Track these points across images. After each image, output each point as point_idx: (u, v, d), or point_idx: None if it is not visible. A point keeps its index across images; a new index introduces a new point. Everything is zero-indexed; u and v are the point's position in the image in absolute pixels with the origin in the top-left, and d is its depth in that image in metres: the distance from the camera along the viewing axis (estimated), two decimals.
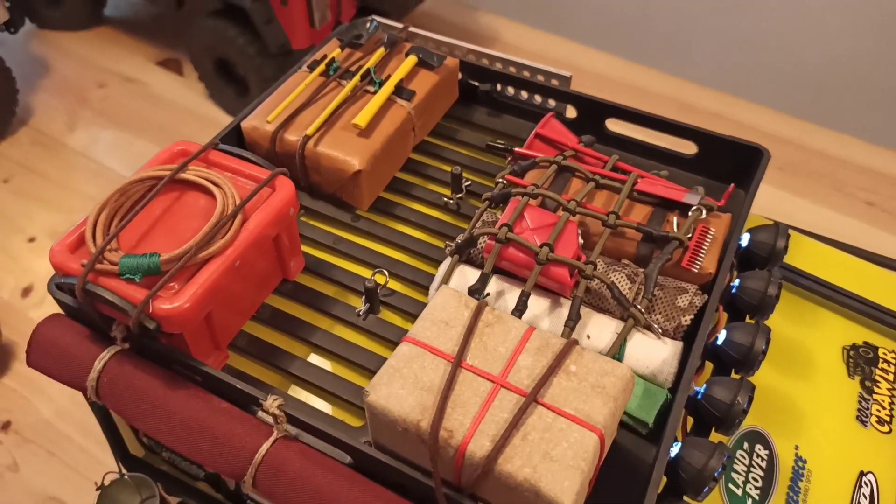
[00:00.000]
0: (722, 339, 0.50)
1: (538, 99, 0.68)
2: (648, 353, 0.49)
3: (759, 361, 0.48)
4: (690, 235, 0.53)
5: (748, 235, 0.56)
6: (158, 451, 0.61)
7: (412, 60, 0.65)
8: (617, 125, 0.66)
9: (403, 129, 0.62)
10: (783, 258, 0.55)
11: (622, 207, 0.54)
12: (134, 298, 0.44)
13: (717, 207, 0.54)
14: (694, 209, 0.53)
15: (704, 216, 0.54)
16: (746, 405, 0.45)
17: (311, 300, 0.55)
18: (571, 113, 0.67)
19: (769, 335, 0.48)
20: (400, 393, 0.40)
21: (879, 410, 0.54)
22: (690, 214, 0.53)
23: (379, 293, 0.54)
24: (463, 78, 0.69)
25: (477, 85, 0.69)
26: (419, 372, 0.41)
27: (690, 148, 0.64)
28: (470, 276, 0.53)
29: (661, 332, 0.50)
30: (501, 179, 0.58)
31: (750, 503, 0.48)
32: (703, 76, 1.46)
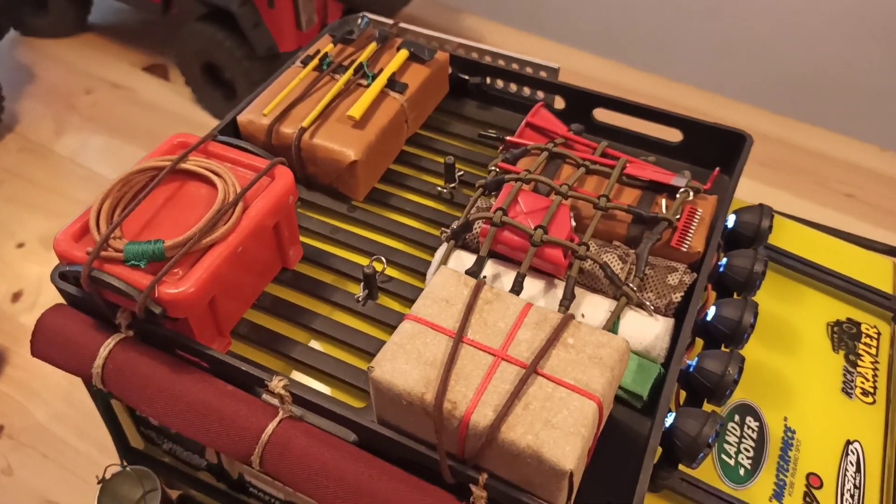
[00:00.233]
0: (711, 314, 0.51)
1: (527, 91, 0.70)
2: (641, 329, 0.50)
3: (747, 335, 0.50)
4: (679, 216, 0.54)
5: (734, 216, 0.57)
6: (159, 442, 0.62)
7: (404, 54, 0.66)
8: (604, 115, 0.67)
9: (397, 120, 0.63)
10: (768, 238, 0.57)
11: (612, 191, 0.56)
12: (139, 284, 0.45)
13: (703, 190, 0.56)
14: (682, 191, 0.55)
15: (692, 198, 0.55)
16: (737, 375, 0.47)
17: (310, 288, 0.56)
18: (560, 104, 0.69)
19: (757, 310, 0.50)
20: (404, 368, 0.41)
21: (863, 382, 0.56)
22: (678, 196, 0.55)
23: (377, 279, 0.56)
24: (453, 72, 0.71)
25: (467, 78, 0.71)
26: (422, 347, 0.42)
27: (676, 136, 0.65)
28: (466, 260, 0.54)
29: (652, 309, 0.51)
30: (494, 167, 0.59)
31: (742, 473, 0.50)
32: (687, 76, 1.48)
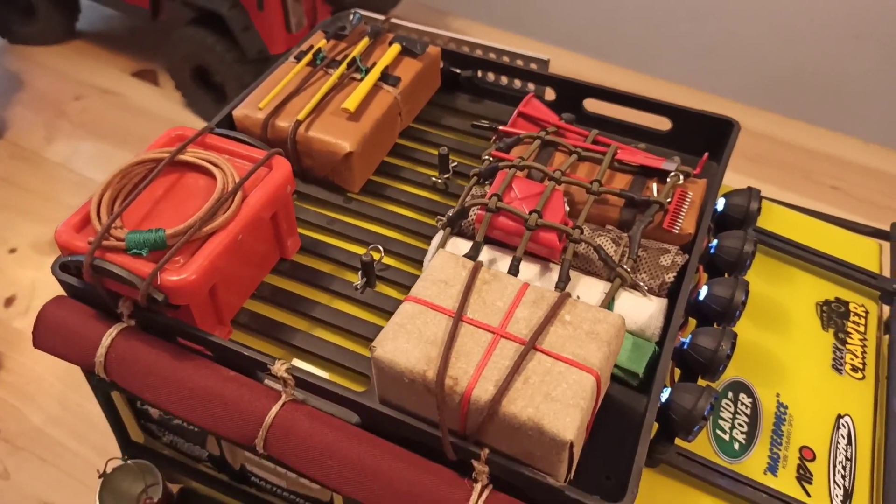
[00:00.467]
0: (703, 294, 0.52)
1: (518, 83, 0.71)
2: (636, 309, 0.51)
3: (739, 312, 0.51)
4: (670, 199, 0.55)
5: (723, 200, 0.59)
6: (160, 435, 0.62)
7: (396, 48, 0.67)
8: (594, 105, 0.69)
9: (391, 113, 0.64)
10: (756, 220, 0.58)
11: (604, 176, 0.57)
12: (141, 272, 0.46)
13: (693, 174, 0.57)
14: (672, 175, 0.56)
15: (682, 181, 0.57)
16: (730, 350, 0.48)
17: (309, 277, 0.57)
18: (550, 95, 0.70)
19: (748, 287, 0.51)
20: (405, 347, 0.42)
21: (853, 359, 0.57)
22: (669, 180, 0.56)
23: (375, 268, 0.56)
24: (445, 66, 0.72)
25: (459, 72, 0.72)
26: (422, 327, 0.43)
27: (665, 124, 0.67)
28: (462, 247, 0.55)
29: (646, 289, 0.52)
30: (488, 156, 0.60)
31: (737, 447, 0.51)
32: (673, 75, 1.50)
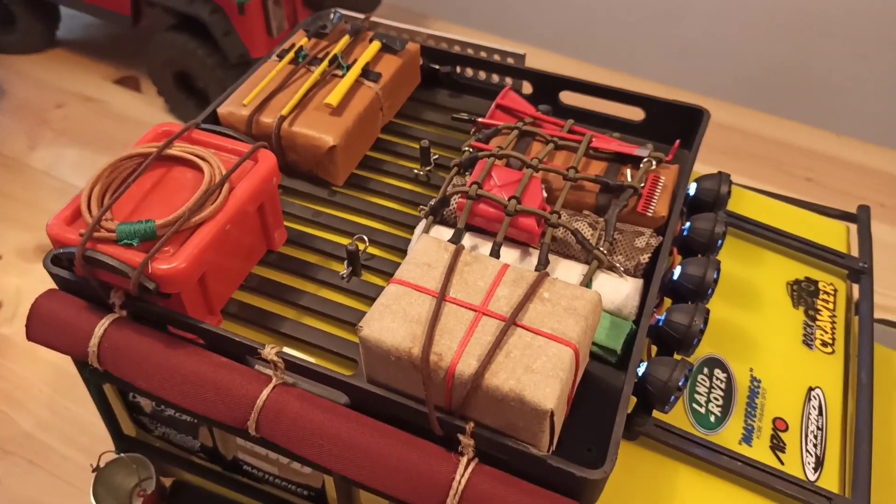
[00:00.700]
0: (677, 274, 0.54)
1: (496, 78, 0.73)
2: (613, 289, 0.53)
3: (711, 290, 0.53)
4: (643, 184, 0.58)
5: (695, 184, 0.61)
6: (152, 428, 0.63)
7: (376, 46, 0.69)
8: (570, 98, 0.71)
9: (372, 108, 0.66)
10: (727, 202, 0.60)
11: (580, 163, 0.59)
12: (133, 262, 0.47)
13: (665, 160, 0.60)
14: (645, 161, 0.58)
15: (655, 167, 0.59)
16: (703, 325, 0.50)
17: (296, 268, 0.58)
18: (527, 89, 0.72)
19: (719, 266, 0.54)
20: (391, 326, 0.44)
21: (823, 334, 0.59)
22: (642, 165, 0.58)
23: (360, 257, 0.58)
24: (424, 62, 0.74)
25: (438, 68, 0.74)
26: (407, 307, 0.45)
27: (638, 114, 0.69)
28: (444, 235, 0.57)
29: (622, 270, 0.54)
30: (467, 147, 0.62)
31: (713, 419, 0.53)
32: (648, 73, 1.53)
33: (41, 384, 1.03)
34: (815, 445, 0.52)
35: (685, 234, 0.58)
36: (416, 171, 0.66)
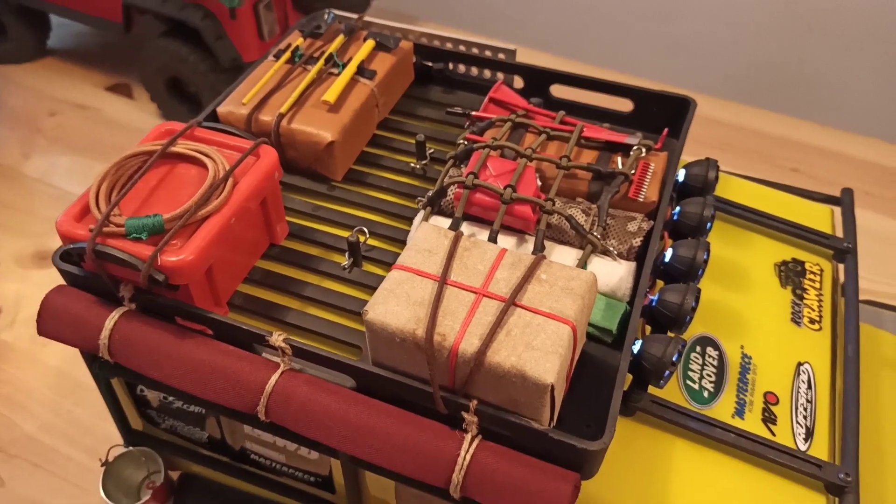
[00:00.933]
0: (669, 256, 0.56)
1: (487, 73, 0.75)
2: (607, 273, 0.55)
3: (702, 270, 0.55)
4: (634, 171, 0.60)
5: (684, 171, 0.63)
6: (159, 421, 0.64)
7: (370, 44, 0.71)
8: (561, 91, 0.73)
9: (368, 104, 0.68)
10: (715, 187, 0.62)
11: (572, 152, 0.61)
12: (142, 255, 0.48)
13: (654, 147, 0.62)
14: (635, 148, 0.60)
15: (644, 154, 0.61)
16: (694, 303, 0.52)
17: (298, 260, 0.60)
18: (519, 83, 0.74)
19: (709, 248, 0.55)
20: (395, 309, 0.45)
21: (810, 312, 0.61)
22: (632, 153, 0.60)
23: (361, 248, 0.60)
24: (417, 60, 0.76)
25: (431, 65, 0.75)
26: (410, 291, 0.46)
27: (627, 106, 0.71)
28: (443, 224, 0.59)
29: (616, 254, 0.56)
30: (462, 140, 0.64)
31: (706, 395, 0.55)
32: (638, 71, 1.56)
33: (43, 388, 1.04)
34: (804, 417, 0.54)
35: (675, 218, 0.60)
36: (412, 164, 0.68)
